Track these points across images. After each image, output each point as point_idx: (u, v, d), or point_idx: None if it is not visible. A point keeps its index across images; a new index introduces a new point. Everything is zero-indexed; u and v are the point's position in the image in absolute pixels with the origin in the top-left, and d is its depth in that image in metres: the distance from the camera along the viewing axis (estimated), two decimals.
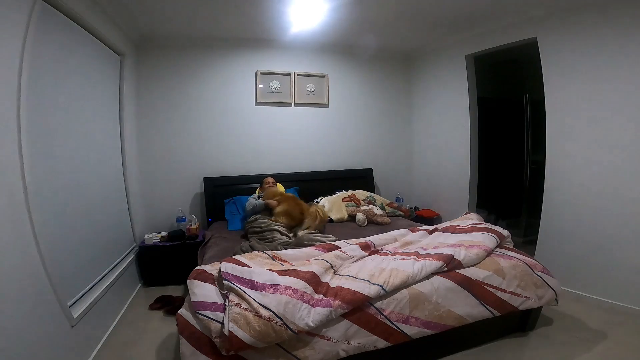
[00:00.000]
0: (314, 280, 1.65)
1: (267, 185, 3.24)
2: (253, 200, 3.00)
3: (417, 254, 1.99)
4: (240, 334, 1.38)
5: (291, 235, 2.70)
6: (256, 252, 2.05)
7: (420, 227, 2.59)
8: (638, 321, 2.18)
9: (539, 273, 1.99)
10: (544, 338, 2.05)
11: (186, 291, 1.78)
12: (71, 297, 1.84)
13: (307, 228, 2.76)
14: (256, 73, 3.59)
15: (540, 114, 2.83)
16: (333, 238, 2.45)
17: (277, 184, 3.38)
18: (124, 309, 2.50)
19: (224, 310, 1.49)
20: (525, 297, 1.92)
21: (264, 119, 3.67)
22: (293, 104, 3.76)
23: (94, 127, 2.35)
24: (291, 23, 3.00)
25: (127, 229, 2.90)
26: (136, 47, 3.19)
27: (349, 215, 3.29)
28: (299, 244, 2.37)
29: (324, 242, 2.31)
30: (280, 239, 2.51)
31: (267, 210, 2.93)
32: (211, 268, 1.80)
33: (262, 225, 2.68)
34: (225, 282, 1.60)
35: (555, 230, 2.72)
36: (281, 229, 2.67)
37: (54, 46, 1.83)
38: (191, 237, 3.03)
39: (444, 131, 3.77)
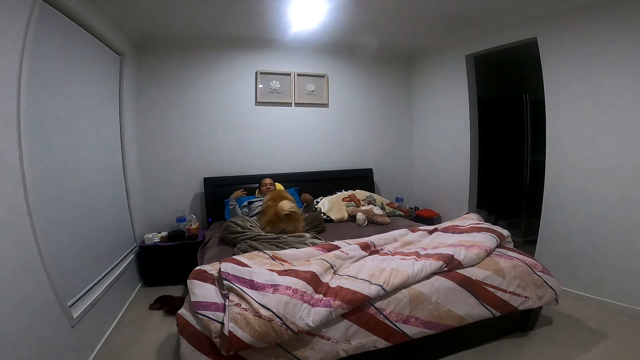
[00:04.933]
0: (314, 280, 1.65)
1: (264, 188, 3.22)
2: (239, 210, 3.07)
3: (417, 254, 1.99)
4: (240, 334, 1.38)
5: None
6: (256, 252, 2.05)
7: (420, 227, 2.59)
8: (638, 321, 2.18)
9: (539, 273, 1.99)
10: (544, 338, 2.05)
11: (186, 291, 1.78)
12: (71, 297, 1.84)
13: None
14: (256, 73, 3.59)
15: (540, 114, 2.83)
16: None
17: (276, 183, 3.38)
18: (124, 309, 2.50)
19: (224, 310, 1.49)
20: (525, 297, 1.92)
21: (264, 119, 3.67)
22: (293, 104, 3.76)
23: (94, 127, 2.35)
24: (291, 23, 3.00)
25: (127, 229, 2.90)
26: (136, 47, 3.19)
27: (349, 215, 3.29)
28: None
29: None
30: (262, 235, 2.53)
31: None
32: (211, 268, 1.81)
33: (248, 233, 2.56)
34: (225, 282, 1.60)
35: (555, 230, 2.72)
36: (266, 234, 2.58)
37: (54, 46, 1.83)
38: (191, 237, 3.03)
39: (444, 131, 3.77)
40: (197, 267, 1.84)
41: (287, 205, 2.67)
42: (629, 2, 2.19)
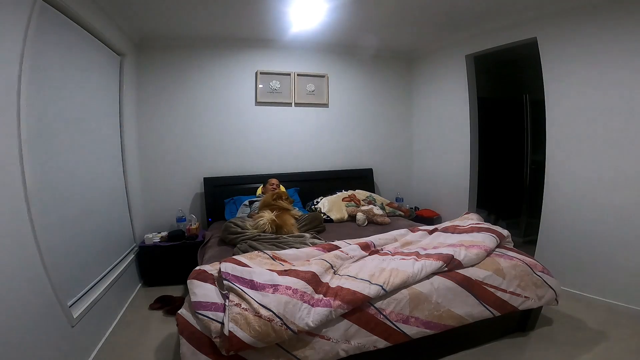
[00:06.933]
0: (314, 280, 1.65)
1: (270, 187, 3.23)
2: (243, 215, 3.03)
3: (417, 254, 1.98)
4: (240, 334, 1.38)
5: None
6: (256, 252, 2.05)
7: (420, 227, 2.59)
8: (638, 321, 2.18)
9: (539, 273, 1.99)
10: (544, 338, 2.05)
11: (186, 291, 1.78)
12: (71, 297, 1.84)
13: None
14: (256, 73, 3.59)
15: (540, 114, 2.83)
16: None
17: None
18: (124, 309, 2.50)
19: (224, 310, 1.49)
20: (525, 297, 1.92)
21: (264, 119, 3.67)
22: (293, 104, 3.76)
23: (94, 127, 2.35)
24: (291, 23, 3.00)
25: (127, 229, 2.90)
26: (136, 47, 3.19)
27: (349, 215, 3.29)
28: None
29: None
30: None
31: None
32: (211, 268, 1.80)
33: (248, 233, 2.55)
34: (225, 282, 1.60)
35: (555, 230, 2.72)
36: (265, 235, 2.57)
37: (54, 46, 1.83)
38: (191, 237, 3.03)
39: (444, 131, 3.77)
40: (197, 267, 1.84)
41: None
42: (629, 2, 2.19)
